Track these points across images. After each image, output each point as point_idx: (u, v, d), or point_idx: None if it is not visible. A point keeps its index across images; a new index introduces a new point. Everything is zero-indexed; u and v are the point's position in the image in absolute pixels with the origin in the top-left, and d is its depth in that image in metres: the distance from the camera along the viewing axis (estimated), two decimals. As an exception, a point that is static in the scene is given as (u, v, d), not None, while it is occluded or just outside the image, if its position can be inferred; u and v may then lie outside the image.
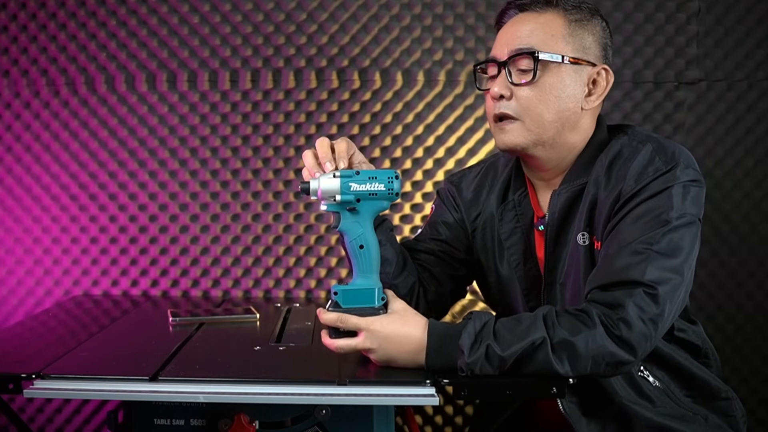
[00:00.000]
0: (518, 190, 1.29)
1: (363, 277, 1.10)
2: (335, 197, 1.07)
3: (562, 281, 1.21)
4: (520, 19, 1.21)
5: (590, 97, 1.20)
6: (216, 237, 1.89)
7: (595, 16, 1.21)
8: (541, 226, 1.24)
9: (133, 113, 1.87)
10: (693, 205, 1.11)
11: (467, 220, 1.35)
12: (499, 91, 1.18)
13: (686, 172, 1.11)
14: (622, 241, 1.09)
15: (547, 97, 1.17)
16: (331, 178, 1.07)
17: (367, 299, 1.10)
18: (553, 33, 1.17)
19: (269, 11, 1.85)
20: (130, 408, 1.15)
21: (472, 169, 1.42)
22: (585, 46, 1.19)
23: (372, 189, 1.08)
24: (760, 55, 1.84)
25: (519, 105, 1.17)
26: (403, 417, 1.79)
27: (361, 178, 1.07)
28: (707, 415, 1.21)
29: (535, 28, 1.18)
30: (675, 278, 1.06)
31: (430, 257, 1.34)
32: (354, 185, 1.07)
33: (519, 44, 1.17)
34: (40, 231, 1.90)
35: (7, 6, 1.86)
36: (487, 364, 1.03)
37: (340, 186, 1.07)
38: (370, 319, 1.07)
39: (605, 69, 1.20)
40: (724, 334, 1.90)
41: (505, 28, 1.23)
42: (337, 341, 1.09)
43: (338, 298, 1.09)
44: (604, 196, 1.15)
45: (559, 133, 1.18)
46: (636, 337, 1.03)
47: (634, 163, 1.13)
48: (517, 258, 1.27)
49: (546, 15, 1.19)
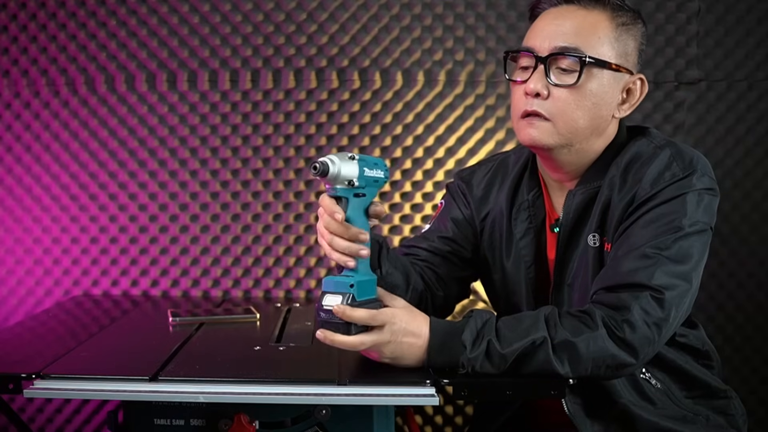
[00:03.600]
0: (532, 190, 1.26)
1: (364, 265, 1.07)
2: (353, 181, 1.02)
3: (570, 282, 1.20)
4: (564, 12, 1.14)
5: (623, 106, 1.17)
6: (216, 237, 1.89)
7: (638, 20, 1.17)
8: (556, 228, 1.22)
9: (133, 113, 1.87)
10: (706, 213, 1.10)
11: (477, 218, 1.33)
12: (536, 89, 1.12)
13: (702, 180, 1.10)
14: (632, 245, 1.08)
15: (585, 102, 1.12)
16: (349, 161, 1.02)
17: (371, 289, 1.07)
18: (600, 35, 1.12)
19: (269, 11, 1.85)
20: (130, 408, 1.15)
21: (481, 165, 1.39)
22: (627, 52, 1.15)
23: (377, 176, 1.06)
24: (760, 55, 1.84)
25: (555, 106, 1.12)
26: (403, 417, 1.79)
27: (370, 163, 1.05)
28: (708, 416, 1.21)
29: (582, 26, 1.12)
30: (683, 285, 1.06)
31: (437, 257, 1.32)
32: (367, 170, 1.04)
33: (564, 41, 1.12)
34: (40, 231, 1.90)
35: (7, 6, 1.86)
36: (488, 362, 1.02)
37: (358, 170, 1.03)
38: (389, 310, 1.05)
39: (641, 79, 1.17)
40: (725, 334, 1.90)
41: (547, 18, 1.15)
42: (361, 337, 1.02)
43: (354, 290, 1.04)
44: (618, 199, 1.13)
45: (587, 139, 1.15)
46: (639, 340, 1.02)
47: (651, 167, 1.11)
48: (528, 259, 1.25)
49: (594, 13, 1.13)
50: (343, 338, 1.02)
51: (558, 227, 1.21)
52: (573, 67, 1.11)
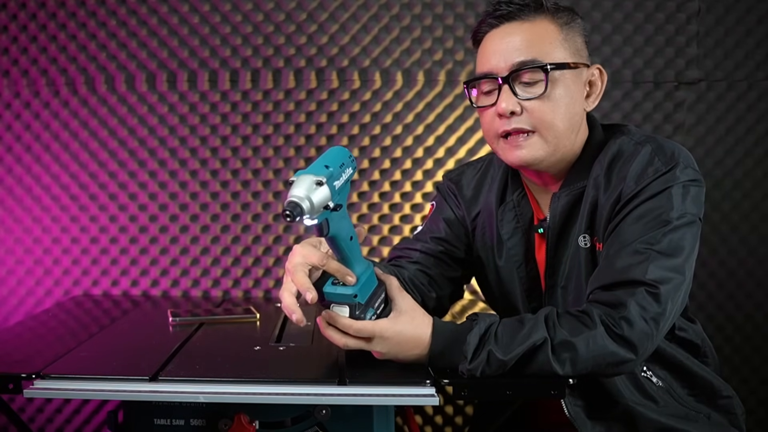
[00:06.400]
0: (516, 191, 1.28)
1: (358, 263, 1.05)
2: (328, 204, 0.92)
3: (564, 284, 1.21)
4: (510, 29, 1.15)
5: (589, 99, 1.19)
6: (216, 237, 1.89)
7: (575, 15, 1.19)
8: (541, 229, 1.23)
9: (133, 113, 1.87)
10: (693, 204, 1.10)
11: (468, 218, 1.35)
12: (509, 108, 1.13)
13: (686, 172, 1.11)
14: (623, 242, 1.08)
15: (557, 107, 1.13)
16: (316, 187, 0.90)
17: (371, 281, 1.07)
18: (550, 41, 1.14)
19: (269, 11, 1.85)
20: (130, 408, 1.14)
21: (469, 166, 1.40)
22: (578, 48, 1.17)
23: (347, 176, 0.98)
24: (760, 55, 1.84)
25: (533, 118, 1.13)
26: (403, 417, 1.79)
27: (337, 171, 0.94)
28: (709, 414, 1.21)
29: (532, 38, 1.13)
30: (676, 278, 1.06)
31: (430, 258, 1.32)
32: (337, 183, 0.94)
33: (519, 57, 1.12)
34: (40, 231, 1.90)
35: (7, 6, 1.86)
36: (488, 368, 1.03)
37: (330, 191, 0.91)
38: (382, 324, 1.04)
39: (599, 69, 1.20)
40: (724, 333, 1.90)
41: (494, 39, 1.16)
42: (349, 341, 1.04)
43: (359, 299, 1.02)
44: (605, 198, 1.14)
45: (568, 138, 1.16)
46: (637, 336, 1.03)
47: (633, 164, 1.12)
48: (518, 259, 1.27)
49: (537, 23, 1.15)
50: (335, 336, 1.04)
51: (543, 229, 1.22)
52: (536, 78, 1.13)
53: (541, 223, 1.24)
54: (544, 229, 1.23)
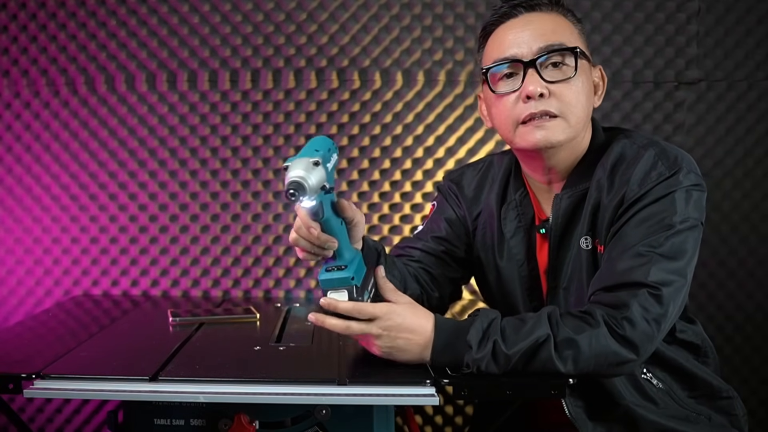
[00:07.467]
0: (518, 190, 1.28)
1: (348, 248, 1.07)
2: (325, 185, 0.95)
3: (566, 286, 1.21)
4: (530, 18, 1.16)
5: (595, 96, 1.22)
6: (216, 237, 1.89)
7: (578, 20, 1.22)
8: (543, 229, 1.24)
9: (133, 113, 1.87)
10: (695, 209, 1.11)
11: (469, 218, 1.35)
12: (538, 90, 1.12)
13: (689, 177, 1.11)
14: (626, 244, 1.09)
15: (581, 93, 1.15)
16: (313, 167, 0.93)
17: (362, 266, 1.08)
18: (571, 31, 1.17)
19: (269, 11, 1.85)
20: (130, 408, 1.14)
21: (470, 167, 1.41)
22: (586, 46, 1.20)
23: (334, 160, 1.01)
24: (760, 55, 1.84)
25: (560, 102, 1.13)
26: (403, 417, 1.79)
27: (327, 154, 0.97)
28: (710, 415, 1.21)
29: (555, 26, 1.15)
30: (678, 280, 1.07)
31: (431, 258, 1.33)
32: (329, 165, 0.98)
33: (547, 41, 1.13)
34: (40, 231, 1.90)
35: (7, 6, 1.86)
36: (493, 362, 1.03)
37: (325, 172, 0.95)
38: (382, 305, 1.06)
39: (601, 71, 1.22)
40: (724, 333, 1.90)
41: (514, 28, 1.16)
42: (352, 323, 1.04)
43: (356, 281, 1.04)
44: (608, 201, 1.14)
45: (583, 129, 1.18)
46: (639, 337, 1.03)
47: (637, 167, 1.13)
48: (520, 258, 1.27)
49: (554, 15, 1.17)
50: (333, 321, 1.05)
51: (545, 229, 1.23)
52: (563, 61, 1.14)
53: (543, 224, 1.24)
54: (546, 229, 1.23)
